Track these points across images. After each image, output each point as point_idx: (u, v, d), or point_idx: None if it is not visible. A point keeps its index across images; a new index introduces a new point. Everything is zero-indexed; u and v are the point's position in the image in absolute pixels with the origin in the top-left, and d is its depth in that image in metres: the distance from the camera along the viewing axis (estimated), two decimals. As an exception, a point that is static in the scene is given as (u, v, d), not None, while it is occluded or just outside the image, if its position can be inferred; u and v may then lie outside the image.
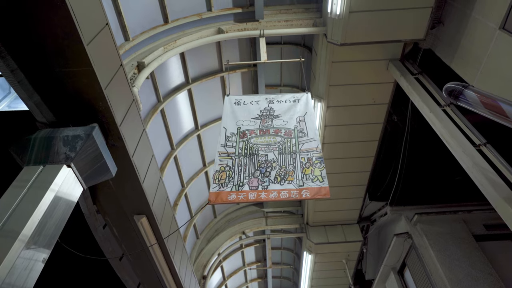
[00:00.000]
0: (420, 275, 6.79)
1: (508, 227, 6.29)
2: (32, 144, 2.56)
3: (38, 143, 2.57)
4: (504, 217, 3.04)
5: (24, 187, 2.45)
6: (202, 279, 8.13)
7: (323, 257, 8.96)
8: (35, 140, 2.59)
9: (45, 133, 2.65)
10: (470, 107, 3.02)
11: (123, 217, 4.15)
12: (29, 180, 2.44)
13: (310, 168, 3.64)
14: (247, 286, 12.46)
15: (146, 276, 5.19)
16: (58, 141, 2.58)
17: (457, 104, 3.21)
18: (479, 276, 5.87)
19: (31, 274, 2.27)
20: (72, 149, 2.57)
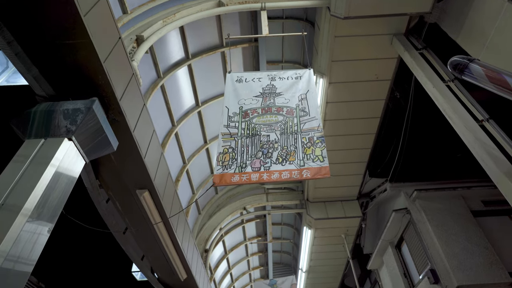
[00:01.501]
0: (417, 249, 6.95)
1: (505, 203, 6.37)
2: (33, 117, 2.55)
3: (38, 117, 2.56)
4: (504, 192, 3.07)
5: (26, 160, 2.46)
6: (204, 252, 8.34)
7: (323, 232, 9.14)
8: (35, 113, 2.58)
9: (45, 107, 2.63)
10: (475, 82, 2.97)
11: (125, 191, 4.20)
12: (30, 153, 2.45)
13: (311, 148, 3.65)
14: (248, 259, 12.81)
15: (150, 249, 5.32)
16: (59, 115, 2.57)
17: (461, 79, 3.16)
18: (475, 250, 6.01)
19: (36, 246, 2.32)
20: (72, 122, 2.56)
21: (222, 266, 11.45)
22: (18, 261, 2.16)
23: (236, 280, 13.26)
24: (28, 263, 2.26)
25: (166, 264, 5.61)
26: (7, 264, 2.05)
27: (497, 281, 5.64)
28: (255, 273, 13.84)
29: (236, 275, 13.17)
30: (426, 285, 6.38)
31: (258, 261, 13.59)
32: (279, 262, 14.44)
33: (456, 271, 5.77)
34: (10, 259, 2.06)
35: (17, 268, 2.15)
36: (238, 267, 12.73)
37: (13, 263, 2.11)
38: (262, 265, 13.65)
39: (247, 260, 12.86)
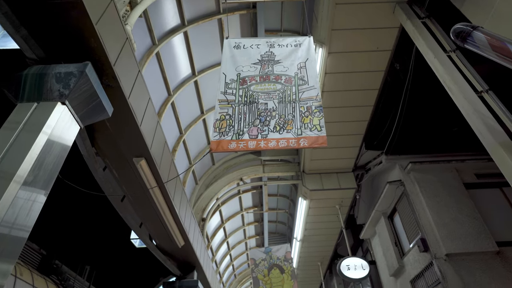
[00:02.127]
0: (409, 220, 7.14)
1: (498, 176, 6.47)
2: (24, 80, 2.49)
3: (30, 80, 2.49)
4: (498, 162, 3.09)
5: (18, 126, 2.41)
6: (201, 221, 8.52)
7: (318, 203, 9.32)
8: (26, 76, 2.51)
9: (36, 70, 2.56)
10: (477, 50, 2.91)
11: (122, 159, 4.20)
12: (23, 118, 2.41)
13: (309, 117, 3.62)
14: (244, 229, 13.15)
15: (148, 216, 5.41)
16: (51, 78, 2.50)
17: (463, 48, 3.08)
18: (464, 220, 6.18)
19: (31, 213, 2.32)
20: (65, 86, 2.50)
21: (219, 235, 11.76)
22: (14, 227, 2.18)
23: (233, 248, 13.68)
24: (24, 229, 2.28)
25: (164, 231, 5.73)
26: (2, 230, 2.06)
27: (484, 249, 5.84)
28: (251, 242, 14.26)
29: (233, 244, 13.57)
30: (416, 253, 6.61)
31: (254, 230, 13.95)
32: (274, 232, 14.83)
33: (445, 240, 5.95)
34: (5, 225, 2.08)
35: (13, 234, 2.18)
36: (234, 236, 13.09)
37: (8, 229, 2.13)
38: (258, 234, 14.03)
39: (243, 229, 13.20)
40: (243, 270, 16.20)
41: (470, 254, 5.84)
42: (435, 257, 5.92)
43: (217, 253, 12.20)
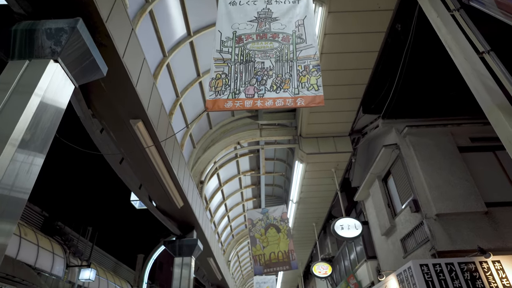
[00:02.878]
0: (402, 182, 7.31)
1: (492, 140, 6.54)
2: (14, 36, 2.40)
3: (19, 36, 2.41)
4: (494, 124, 3.12)
5: (10, 86, 2.36)
6: (199, 184, 8.69)
7: (314, 166, 9.47)
8: (15, 32, 2.42)
9: (25, 26, 2.47)
10: (482, 8, 2.83)
11: (119, 121, 4.19)
12: (16, 75, 2.36)
13: (306, 76, 3.56)
14: (241, 191, 13.46)
15: (147, 178, 5.50)
16: (41, 34, 2.42)
17: (468, 4, 2.99)
18: (456, 182, 6.34)
19: (29, 175, 2.34)
20: (57, 43, 2.43)
21: (217, 197, 12.05)
22: (13, 189, 2.20)
23: (230, 210, 14.10)
24: (23, 191, 2.30)
25: (163, 193, 5.86)
26: (1, 191, 2.09)
27: (473, 210, 6.06)
28: (248, 204, 14.67)
29: (230, 206, 13.96)
30: (408, 213, 6.85)
31: (251, 193, 14.29)
32: (271, 195, 15.21)
33: (436, 201, 6.15)
34: (4, 187, 2.10)
35: (13, 195, 2.21)
36: (232, 198, 13.43)
37: (7, 191, 2.15)
38: (255, 197, 14.40)
39: (240, 192, 13.52)
40: (240, 230, 16.81)
41: (460, 214, 6.06)
42: (426, 217, 6.15)
43: (216, 214, 12.58)
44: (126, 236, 48.59)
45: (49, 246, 13.23)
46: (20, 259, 10.81)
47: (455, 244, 5.82)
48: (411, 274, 5.48)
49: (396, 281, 6.07)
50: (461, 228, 5.96)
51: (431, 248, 5.91)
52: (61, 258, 13.49)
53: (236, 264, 20.15)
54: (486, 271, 5.34)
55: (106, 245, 22.22)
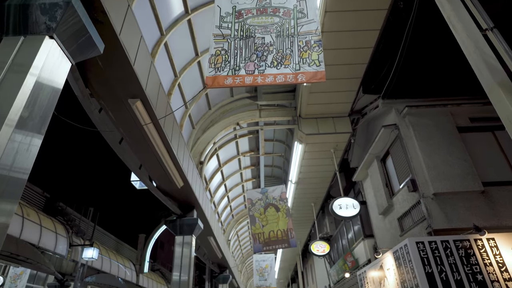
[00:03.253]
0: (400, 162, 7.36)
1: (491, 120, 6.54)
2: (7, 12, 2.34)
3: (13, 12, 2.35)
4: (494, 102, 3.10)
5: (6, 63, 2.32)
6: (199, 164, 8.73)
7: (313, 147, 9.50)
8: (9, 7, 2.36)
9: (18, 1, 2.40)
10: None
11: (117, 101, 4.16)
12: (11, 52, 2.32)
13: (308, 52, 3.51)
14: (241, 172, 13.55)
15: (146, 158, 5.52)
16: (35, 10, 2.36)
17: (473, -21, 2.91)
18: (454, 162, 6.39)
19: (28, 155, 2.33)
20: (52, 18, 2.37)
21: (216, 178, 12.14)
22: (12, 169, 2.21)
23: (230, 191, 14.24)
24: (22, 171, 2.30)
25: (163, 173, 5.90)
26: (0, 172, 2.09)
27: (470, 189, 6.13)
28: (248, 185, 14.80)
29: (230, 186, 14.09)
30: (405, 193, 6.93)
31: (251, 174, 14.39)
32: (271, 176, 15.33)
33: (434, 181, 6.22)
34: (3, 167, 2.10)
35: (12, 175, 2.21)
36: (231, 179, 13.54)
37: (6, 171, 2.15)
38: (254, 178, 14.51)
39: (240, 173, 13.61)
40: (240, 211, 17.05)
41: (456, 194, 6.14)
42: (423, 196, 6.22)
43: (215, 195, 12.72)
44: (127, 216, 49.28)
45: (51, 226, 13.44)
46: (23, 238, 10.99)
47: (451, 222, 5.93)
48: (407, 251, 5.60)
49: (392, 258, 6.21)
50: (458, 207, 6.05)
51: (428, 226, 6.02)
52: (64, 237, 13.72)
53: (236, 243, 20.56)
54: (480, 248, 5.46)
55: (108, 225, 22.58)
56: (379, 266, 6.94)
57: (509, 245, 5.48)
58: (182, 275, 7.02)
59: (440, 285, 5.16)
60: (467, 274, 5.24)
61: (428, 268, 5.31)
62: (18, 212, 11.18)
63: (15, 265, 13.94)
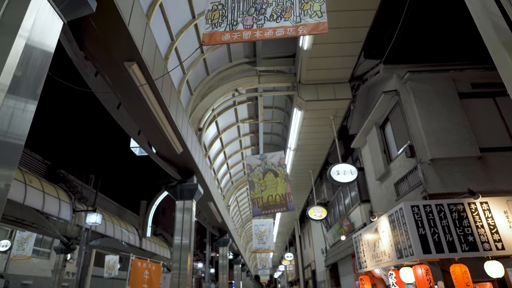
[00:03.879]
0: (399, 128, 7.37)
1: (493, 86, 6.47)
2: (-8, -35, 2.21)
3: (-2, -35, 2.22)
4: (498, 64, 3.03)
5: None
6: (198, 131, 8.73)
7: (312, 114, 9.46)
8: (-7, -40, 2.22)
9: (4, -47, 2.26)
10: None
11: (113, 63, 4.07)
12: (-1, 9, 2.22)
13: (309, 3, 3.36)
14: (240, 139, 13.60)
15: (145, 123, 5.50)
16: (22, -38, 2.23)
17: None
18: (453, 128, 6.40)
19: (23, 121, 2.29)
20: (39, -28, 2.25)
21: (216, 145, 12.21)
22: (7, 135, 2.18)
23: (229, 158, 14.37)
24: (18, 138, 2.28)
25: (162, 138, 5.91)
26: None
27: (467, 155, 6.19)
28: (247, 152, 14.90)
29: (229, 153, 14.20)
30: (403, 159, 7.00)
31: (250, 141, 14.45)
32: (269, 143, 15.40)
33: (432, 147, 6.26)
34: None
35: (8, 141, 2.19)
36: (230, 146, 13.61)
37: (2, 137, 2.13)
38: (253, 145, 14.58)
39: (239, 140, 13.66)
40: (239, 177, 17.31)
41: (453, 159, 6.20)
42: (420, 161, 6.29)
43: (215, 162, 12.85)
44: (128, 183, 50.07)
45: (54, 192, 13.69)
46: (27, 204, 11.23)
47: (446, 187, 6.04)
48: (402, 214, 5.76)
49: (387, 221, 6.40)
50: (454, 172, 6.15)
51: (423, 191, 6.14)
52: (67, 203, 14.03)
53: (235, 209, 21.08)
54: (473, 211, 5.61)
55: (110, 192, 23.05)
56: (374, 229, 7.17)
57: (501, 209, 5.63)
58: (183, 239, 7.23)
59: (432, 246, 5.36)
60: (458, 236, 5.42)
61: (421, 230, 5.48)
62: (20, 179, 11.34)
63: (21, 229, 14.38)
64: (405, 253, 5.70)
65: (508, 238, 5.39)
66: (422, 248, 5.35)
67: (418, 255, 5.33)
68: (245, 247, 32.49)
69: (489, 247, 5.33)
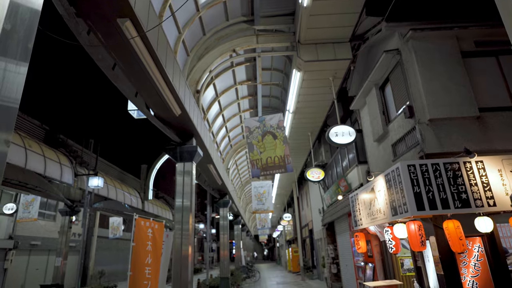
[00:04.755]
0: (399, 89, 7.30)
1: (497, 44, 6.32)
2: None
3: None
4: (503, 16, 2.94)
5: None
6: (196, 93, 8.62)
7: (311, 75, 9.29)
8: None
9: None
10: None
11: (105, 20, 3.92)
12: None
13: None
14: (238, 102, 13.48)
15: (142, 85, 5.42)
16: None
17: None
18: (453, 88, 6.34)
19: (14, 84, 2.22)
20: None
21: (214, 108, 12.13)
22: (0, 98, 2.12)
23: (228, 121, 14.35)
24: (11, 101, 2.21)
25: (160, 100, 5.85)
26: None
27: (466, 115, 6.19)
28: (246, 115, 14.85)
29: (228, 116, 14.16)
30: (401, 119, 7.00)
31: (248, 104, 14.34)
32: (268, 106, 15.30)
33: (431, 107, 6.24)
34: None
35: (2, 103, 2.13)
36: (229, 109, 13.53)
37: None
38: (252, 108, 14.50)
39: (237, 103, 13.55)
40: (238, 141, 17.41)
41: (452, 119, 6.21)
42: (419, 122, 6.30)
43: (213, 125, 12.84)
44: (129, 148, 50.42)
45: (55, 157, 13.79)
46: (29, 168, 11.36)
47: (443, 147, 6.11)
48: (398, 173, 5.87)
49: (384, 180, 6.53)
50: (451, 132, 6.18)
51: (420, 151, 6.21)
52: (69, 167, 14.20)
53: (234, 172, 21.43)
54: (468, 170, 5.72)
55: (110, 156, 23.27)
56: (371, 188, 7.34)
57: (495, 167, 5.74)
58: (184, 201, 7.39)
59: (426, 203, 5.53)
60: (452, 194, 5.58)
61: (416, 189, 5.62)
62: (19, 143, 11.38)
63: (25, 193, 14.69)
64: (400, 210, 5.89)
65: (500, 195, 5.55)
66: (416, 205, 5.52)
67: (412, 211, 5.52)
68: (245, 209, 33.50)
69: (481, 204, 5.50)
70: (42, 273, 20.95)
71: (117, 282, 18.76)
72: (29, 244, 19.45)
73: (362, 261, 9.95)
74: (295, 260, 25.07)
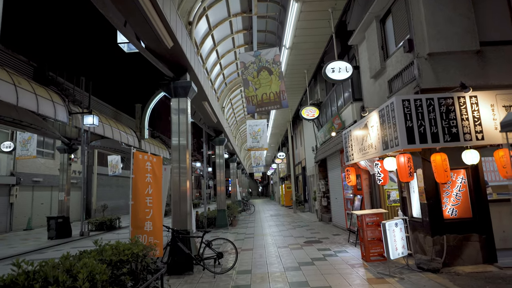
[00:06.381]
0: (401, 21, 7.00)
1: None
2: None
3: None
4: None
5: None
6: (188, 25, 8.19)
7: (310, 6, 8.77)
8: None
9: None
10: None
11: None
12: None
13: None
14: (232, 37, 12.90)
15: (130, 13, 5.12)
16: None
17: None
18: (456, 20, 6.09)
19: None
20: None
21: (207, 43, 11.65)
22: None
23: (222, 57, 13.89)
24: None
25: (150, 30, 5.58)
26: None
27: (466, 48, 6.05)
28: (240, 51, 14.34)
29: (222, 52, 13.67)
30: (400, 54, 6.84)
31: (243, 39, 13.76)
32: (263, 42, 14.73)
33: (431, 39, 6.05)
34: None
35: None
36: (223, 44, 13.00)
37: None
38: (247, 43, 13.94)
39: (231, 38, 12.98)
40: (233, 79, 17.06)
41: (451, 53, 6.09)
42: (417, 56, 6.17)
43: (207, 61, 12.44)
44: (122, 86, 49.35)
45: (46, 95, 13.54)
46: (21, 106, 11.20)
47: (440, 82, 6.08)
48: (392, 108, 5.92)
49: (377, 115, 6.61)
50: (449, 67, 6.10)
51: (416, 86, 6.19)
52: (62, 106, 14.03)
53: (230, 111, 21.40)
54: (461, 104, 5.78)
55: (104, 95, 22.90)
56: (364, 124, 7.46)
57: (488, 102, 5.80)
58: (181, 139, 7.43)
59: (417, 137, 5.69)
60: (443, 128, 5.71)
61: (409, 123, 5.73)
62: (8, 80, 11.06)
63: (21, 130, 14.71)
64: (391, 144, 6.07)
65: (489, 129, 5.70)
66: (407, 139, 5.68)
67: (403, 145, 5.69)
68: (240, 148, 34.19)
69: (470, 138, 5.68)
70: (47, 207, 21.98)
71: (120, 215, 19.84)
72: (32, 181, 20.08)
73: (352, 194, 10.53)
74: (288, 195, 26.39)
